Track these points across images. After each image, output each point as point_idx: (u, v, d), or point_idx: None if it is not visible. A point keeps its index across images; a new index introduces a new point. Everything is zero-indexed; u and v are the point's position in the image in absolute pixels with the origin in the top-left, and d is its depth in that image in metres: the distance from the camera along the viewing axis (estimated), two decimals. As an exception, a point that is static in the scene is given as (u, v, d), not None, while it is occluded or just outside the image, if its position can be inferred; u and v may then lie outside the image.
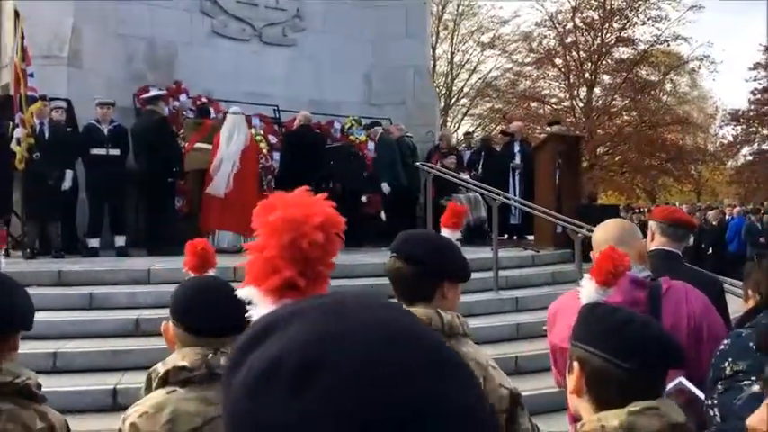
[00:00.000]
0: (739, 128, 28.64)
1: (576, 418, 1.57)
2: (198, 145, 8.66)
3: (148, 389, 1.80)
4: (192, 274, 2.13)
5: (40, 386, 1.75)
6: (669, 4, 25.88)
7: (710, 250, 15.30)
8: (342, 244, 0.89)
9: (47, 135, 7.71)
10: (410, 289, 1.86)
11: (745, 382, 1.96)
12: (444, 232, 2.46)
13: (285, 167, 9.15)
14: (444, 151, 10.65)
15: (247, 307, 0.84)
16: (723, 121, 30.13)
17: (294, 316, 0.52)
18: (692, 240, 11.23)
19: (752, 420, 1.38)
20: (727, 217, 16.90)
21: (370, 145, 10.31)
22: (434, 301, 1.85)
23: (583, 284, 1.92)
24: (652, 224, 3.24)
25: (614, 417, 1.39)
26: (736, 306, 2.89)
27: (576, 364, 1.48)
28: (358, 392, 0.46)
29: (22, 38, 7.49)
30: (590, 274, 1.92)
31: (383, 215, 9.90)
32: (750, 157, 29.10)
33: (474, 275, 1.97)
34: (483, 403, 0.51)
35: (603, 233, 2.44)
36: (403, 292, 1.88)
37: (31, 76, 7.55)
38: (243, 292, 0.86)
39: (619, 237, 2.34)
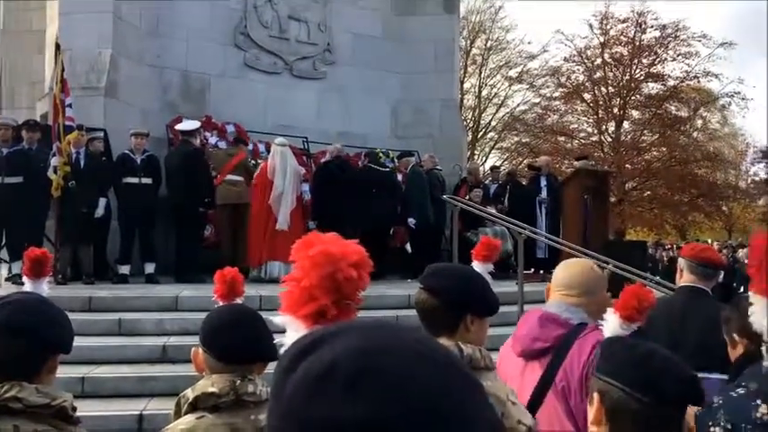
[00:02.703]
0: (771, 165, 28.33)
1: None
2: (229, 177, 8.81)
3: (177, 414, 1.84)
4: (221, 302, 2.18)
5: (75, 408, 1.78)
6: (699, 41, 25.81)
7: (741, 288, 15.08)
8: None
9: (82, 164, 7.91)
10: (434, 321, 1.88)
11: None
12: (475, 265, 2.48)
13: (319, 200, 9.24)
14: (472, 185, 10.69)
15: (278, 334, 0.91)
16: (755, 158, 29.82)
17: (340, 332, 0.58)
18: (722, 278, 11.08)
19: None
20: (758, 255, 16.67)
21: (399, 176, 10.36)
22: (458, 333, 1.87)
23: (607, 318, 1.95)
24: (681, 261, 3.28)
25: None
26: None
27: (596, 395, 1.50)
28: (401, 398, 0.52)
29: (62, 69, 7.74)
30: (614, 309, 1.95)
31: (408, 247, 9.93)
32: (782, 195, 28.77)
33: (499, 309, 2.00)
34: (503, 429, 0.57)
35: (567, 276, 2.35)
36: (428, 324, 1.90)
37: (69, 106, 7.74)
38: (279, 318, 0.93)
39: (585, 285, 2.27)
